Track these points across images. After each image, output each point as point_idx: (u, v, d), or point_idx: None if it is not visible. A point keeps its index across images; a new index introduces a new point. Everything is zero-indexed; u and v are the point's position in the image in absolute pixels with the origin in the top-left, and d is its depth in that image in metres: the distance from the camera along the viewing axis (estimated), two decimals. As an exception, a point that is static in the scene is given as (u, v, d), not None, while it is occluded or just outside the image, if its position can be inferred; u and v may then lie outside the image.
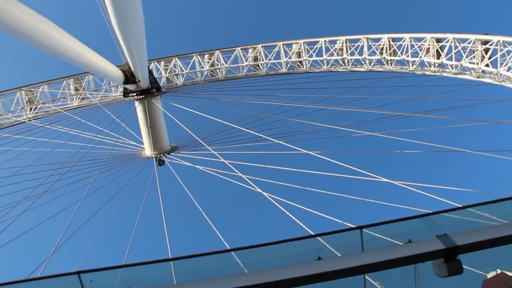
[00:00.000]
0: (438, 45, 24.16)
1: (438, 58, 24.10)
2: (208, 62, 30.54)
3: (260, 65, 29.98)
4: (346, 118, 21.37)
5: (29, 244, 27.29)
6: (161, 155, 24.31)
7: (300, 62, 29.38)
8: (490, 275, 7.21)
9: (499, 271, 7.15)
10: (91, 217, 18.96)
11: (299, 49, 29.28)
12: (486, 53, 21.93)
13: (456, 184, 15.26)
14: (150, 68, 25.69)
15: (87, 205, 18.77)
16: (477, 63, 22.21)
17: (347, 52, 27.98)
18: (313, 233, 8.11)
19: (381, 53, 26.65)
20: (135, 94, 24.11)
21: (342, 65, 28.42)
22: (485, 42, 22.06)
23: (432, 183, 15.20)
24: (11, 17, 10.05)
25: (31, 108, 33.23)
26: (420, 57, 24.84)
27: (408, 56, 25.51)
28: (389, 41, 26.47)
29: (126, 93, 24.32)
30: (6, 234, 16.05)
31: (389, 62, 26.64)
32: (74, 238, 16.99)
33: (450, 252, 5.94)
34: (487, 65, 21.88)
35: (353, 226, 7.04)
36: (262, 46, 30.04)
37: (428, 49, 24.60)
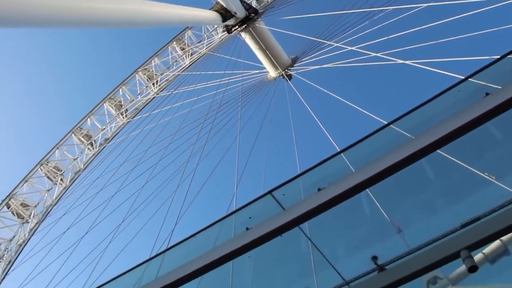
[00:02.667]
0: None
1: None
2: (287, -35, 29.53)
3: None
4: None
5: (212, 189, 30.07)
6: (286, 70, 24.48)
7: None
8: None
9: None
10: (253, 146, 20.10)
11: None
12: None
13: None
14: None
15: (244, 139, 20.05)
16: None
17: None
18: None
19: None
20: (237, 26, 24.30)
21: None
22: None
23: None
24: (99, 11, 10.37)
25: (153, 84, 35.24)
26: None
27: None
28: None
29: (228, 30, 24.65)
30: (192, 189, 17.86)
31: None
32: (247, 169, 18.37)
33: None
34: None
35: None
36: None
37: None
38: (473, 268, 5.03)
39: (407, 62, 15.53)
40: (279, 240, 5.68)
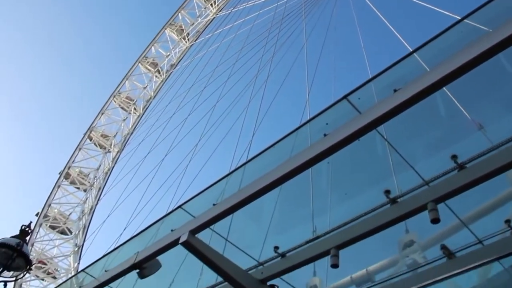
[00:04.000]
0: None
1: None
2: None
3: None
4: None
5: (284, 101, 29.96)
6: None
7: None
8: None
9: None
10: (320, 54, 19.91)
11: None
12: None
13: None
14: None
15: (311, 48, 19.87)
16: None
17: None
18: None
19: None
20: None
21: None
22: None
23: None
24: None
25: (211, 4, 34.92)
26: None
27: None
28: None
29: None
30: (265, 101, 18.14)
31: None
32: (317, 78, 18.36)
33: None
34: None
35: None
36: None
37: None
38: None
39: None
40: (357, 145, 5.72)
